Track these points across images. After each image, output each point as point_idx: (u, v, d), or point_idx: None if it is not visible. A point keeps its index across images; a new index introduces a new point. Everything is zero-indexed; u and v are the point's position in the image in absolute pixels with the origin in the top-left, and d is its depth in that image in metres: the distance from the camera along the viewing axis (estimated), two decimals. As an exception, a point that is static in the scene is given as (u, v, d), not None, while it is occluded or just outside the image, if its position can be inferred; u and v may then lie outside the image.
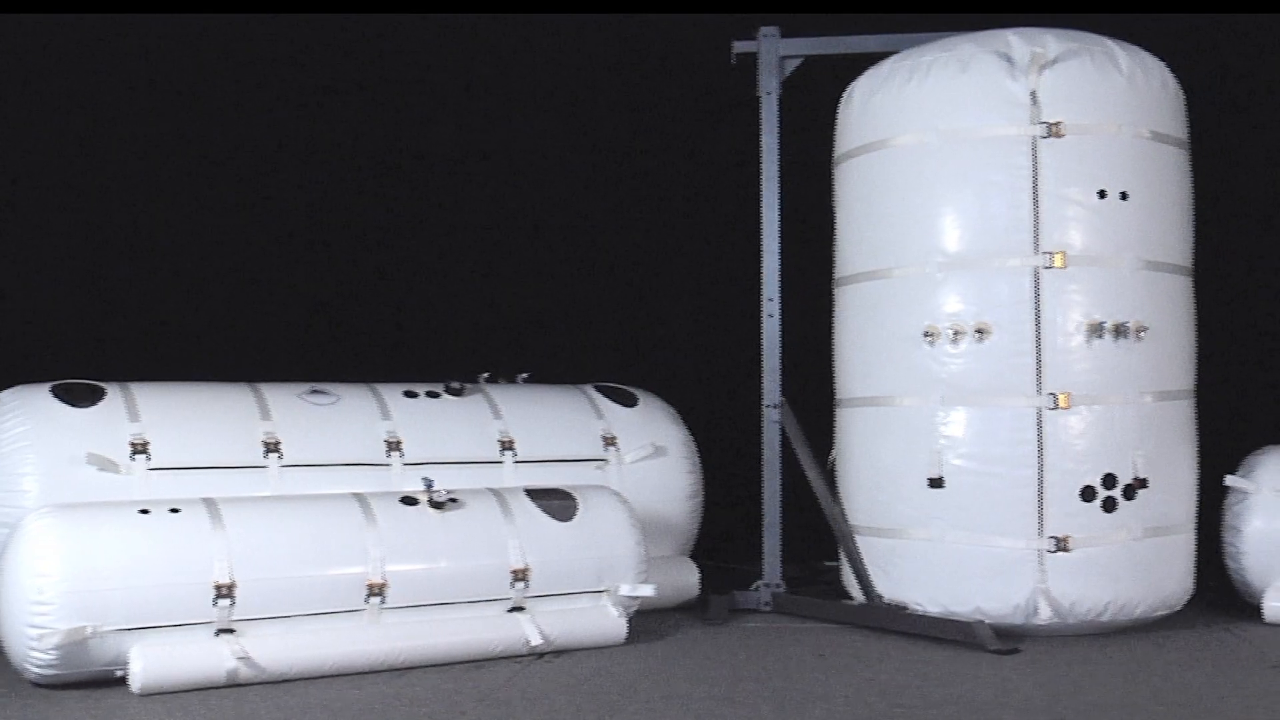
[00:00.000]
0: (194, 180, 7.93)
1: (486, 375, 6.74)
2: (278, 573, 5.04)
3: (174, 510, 5.05)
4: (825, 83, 6.45)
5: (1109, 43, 5.84)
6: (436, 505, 5.43)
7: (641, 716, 4.44)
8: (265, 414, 5.91)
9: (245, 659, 4.87)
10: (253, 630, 4.97)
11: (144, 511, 5.01)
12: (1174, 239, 5.87)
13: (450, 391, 6.41)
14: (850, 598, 6.20)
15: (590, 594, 5.62)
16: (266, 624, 5.00)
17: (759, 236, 6.56)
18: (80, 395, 5.67)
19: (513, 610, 5.44)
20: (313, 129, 8.08)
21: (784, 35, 6.54)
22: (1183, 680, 4.92)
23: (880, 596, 5.97)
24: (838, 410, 6.31)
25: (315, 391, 6.14)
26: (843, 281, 6.24)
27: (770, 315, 6.54)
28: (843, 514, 6.20)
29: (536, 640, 5.36)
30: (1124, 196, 5.70)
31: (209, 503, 5.15)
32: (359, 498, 5.41)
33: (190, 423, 5.77)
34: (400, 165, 8.21)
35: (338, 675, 5.03)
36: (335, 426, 6.01)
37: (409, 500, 5.46)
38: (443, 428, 6.22)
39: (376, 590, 5.19)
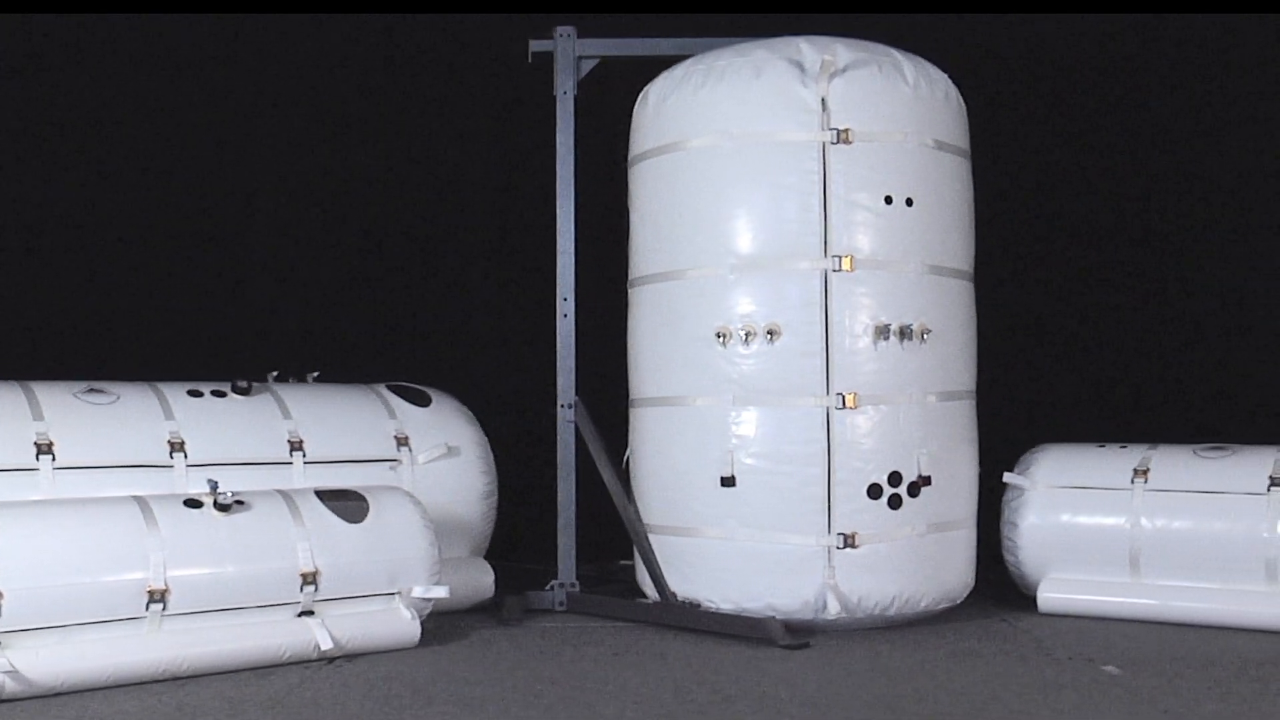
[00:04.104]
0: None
1: (275, 373, 6.56)
2: (50, 580, 4.80)
3: (-64, 515, 4.78)
4: (624, 84, 6.48)
5: (896, 54, 6.00)
6: (222, 508, 5.26)
7: (435, 719, 4.38)
8: (37, 414, 5.64)
9: (12, 673, 4.61)
10: (21, 642, 4.72)
11: (-97, 517, 4.74)
12: (956, 244, 6.07)
13: (237, 390, 6.22)
14: (645, 596, 6.24)
15: (382, 596, 5.53)
16: (37, 635, 4.75)
17: (554, 236, 6.55)
18: None
19: (302, 614, 5.31)
20: (94, 123, 7.76)
21: (581, 36, 6.55)
22: (964, 670, 5.09)
23: (674, 594, 6.02)
24: (632, 410, 6.34)
25: (92, 390, 5.89)
26: (637, 282, 6.27)
27: (565, 315, 6.53)
28: (637, 513, 6.24)
29: (327, 644, 5.24)
30: (909, 203, 5.86)
31: (-25, 507, 4.89)
32: (139, 500, 5.20)
33: (-46, 423, 5.49)
34: (186, 158, 7.94)
35: (116, 686, 4.82)
36: (114, 426, 5.77)
37: (193, 503, 5.27)
38: (229, 428, 6.02)
39: (158, 596, 4.99)
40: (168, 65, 7.91)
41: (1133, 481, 6.18)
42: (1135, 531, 6.11)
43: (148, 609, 4.97)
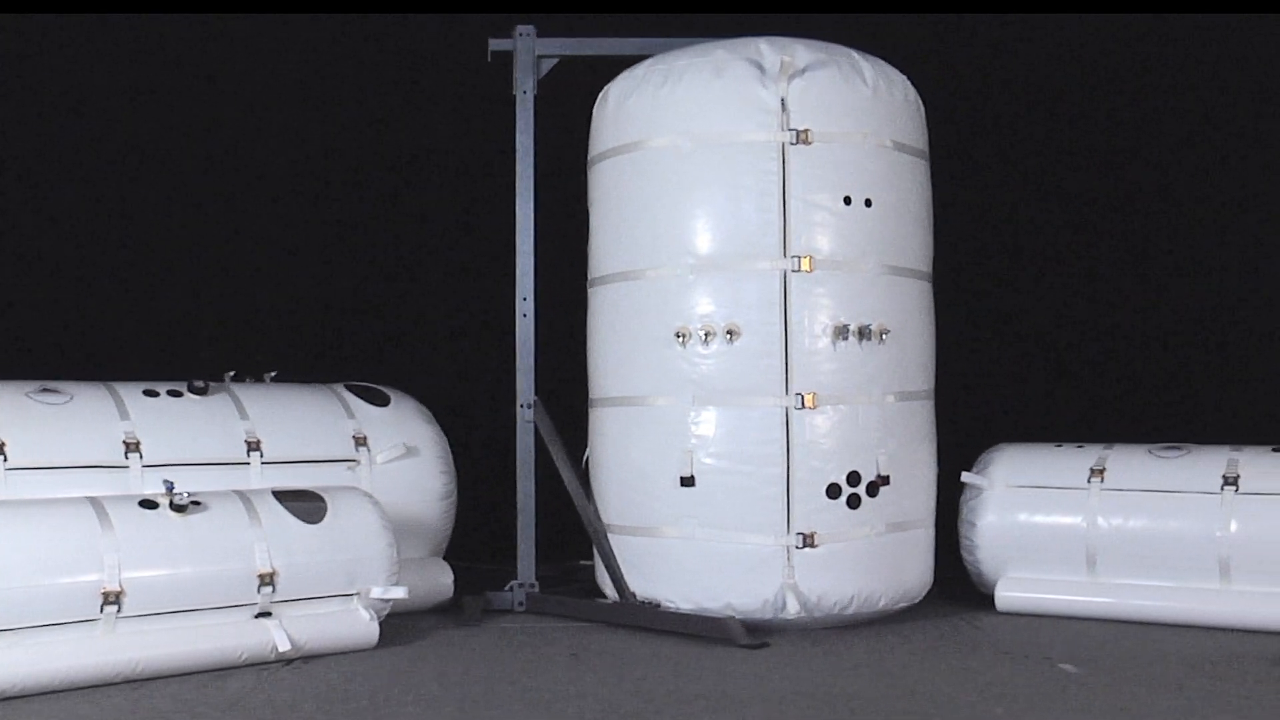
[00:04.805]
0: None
1: (232, 373, 6.51)
2: (2, 583, 4.73)
3: (-114, 517, 4.72)
4: (584, 83, 6.47)
5: (855, 55, 6.02)
6: (178, 508, 5.21)
7: (393, 721, 4.37)
8: (-11, 414, 5.59)
9: (-35, 675, 4.58)
10: (-27, 645, 4.67)
11: None
12: (915, 245, 6.09)
13: (193, 390, 6.17)
14: (604, 596, 6.23)
15: (341, 597, 5.49)
16: (-11, 637, 4.71)
17: (514, 235, 6.54)
18: None
19: (260, 615, 5.27)
20: (49, 122, 7.69)
21: (541, 35, 6.54)
22: (922, 669, 5.11)
23: (634, 594, 6.02)
24: (591, 410, 6.33)
25: (45, 390, 5.83)
26: (597, 282, 6.26)
27: (524, 315, 6.51)
28: (596, 513, 6.23)
29: (285, 646, 5.21)
30: (868, 203, 5.88)
31: (-74, 508, 4.83)
32: (94, 501, 5.14)
33: (-95, 423, 5.42)
34: (141, 157, 7.87)
35: (70, 690, 4.77)
36: (68, 427, 5.71)
37: (148, 504, 5.22)
38: (185, 428, 5.98)
39: (112, 599, 4.94)
40: (134, 65, 7.84)
41: (1089, 481, 6.22)
42: (1092, 530, 6.15)
43: (102, 611, 4.92)
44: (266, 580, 5.28)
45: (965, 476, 6.45)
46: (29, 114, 7.69)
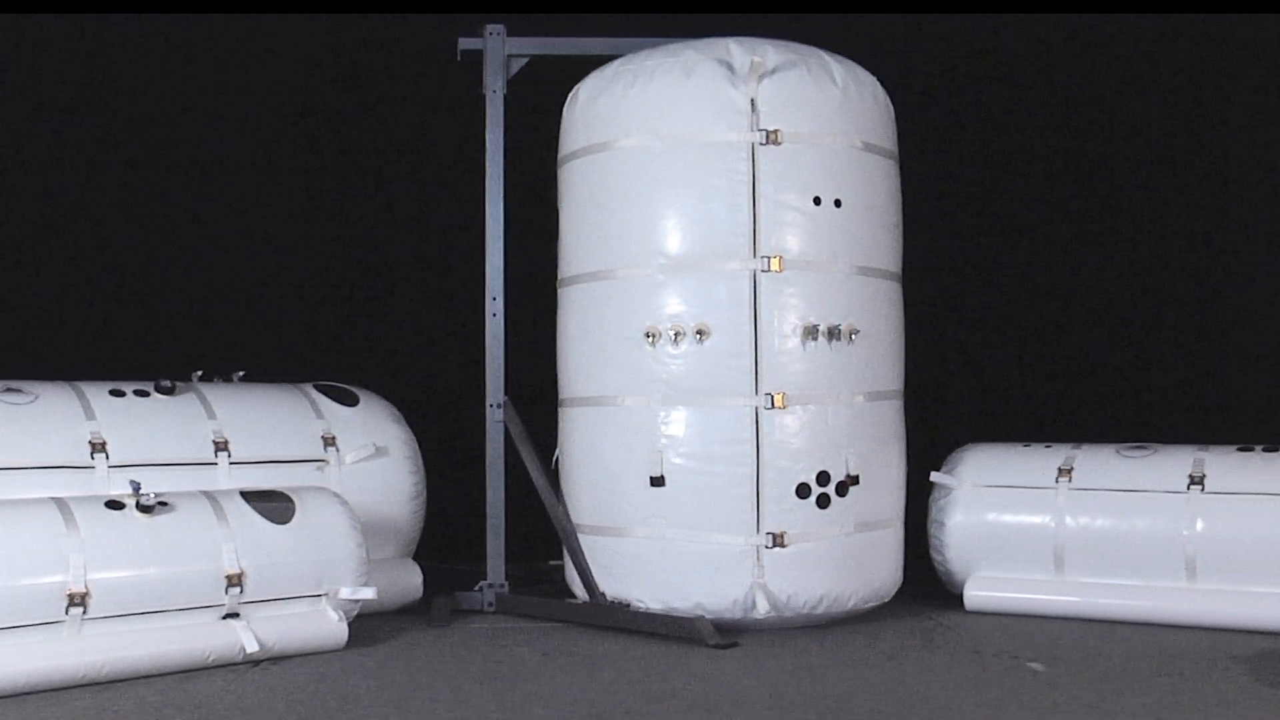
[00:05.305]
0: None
1: (200, 373, 6.47)
2: (-34, 584, 4.71)
3: None
4: (554, 83, 6.46)
5: (825, 56, 6.03)
6: (144, 509, 5.18)
7: (362, 722, 4.35)
8: (-47, 414, 5.55)
9: (-71, 677, 4.54)
10: (-64, 647, 4.63)
11: None
12: (884, 245, 6.11)
13: (161, 390, 6.14)
14: (574, 596, 6.23)
15: (309, 598, 5.47)
16: (-47, 640, 4.67)
17: (483, 235, 6.52)
18: None
19: (227, 617, 5.24)
20: (16, 125, 7.64)
21: (511, 34, 6.53)
22: (891, 668, 5.12)
23: (603, 595, 6.01)
24: (561, 410, 6.32)
25: (10, 390, 5.78)
26: (566, 282, 6.25)
27: (494, 314, 6.50)
28: (566, 513, 6.22)
29: (253, 647, 5.18)
30: (838, 204, 5.89)
31: (-111, 509, 4.78)
32: (59, 502, 5.10)
33: None
34: (108, 157, 7.82)
35: (33, 693, 4.73)
36: (33, 427, 5.66)
37: (114, 504, 5.18)
38: (152, 428, 5.93)
39: (78, 600, 4.90)
40: (125, 65, 7.79)
41: (1057, 480, 6.26)
42: (1059, 530, 6.18)
43: (67, 613, 4.88)
44: (234, 581, 5.25)
45: (934, 476, 6.47)
46: (6, 113, 7.63)
